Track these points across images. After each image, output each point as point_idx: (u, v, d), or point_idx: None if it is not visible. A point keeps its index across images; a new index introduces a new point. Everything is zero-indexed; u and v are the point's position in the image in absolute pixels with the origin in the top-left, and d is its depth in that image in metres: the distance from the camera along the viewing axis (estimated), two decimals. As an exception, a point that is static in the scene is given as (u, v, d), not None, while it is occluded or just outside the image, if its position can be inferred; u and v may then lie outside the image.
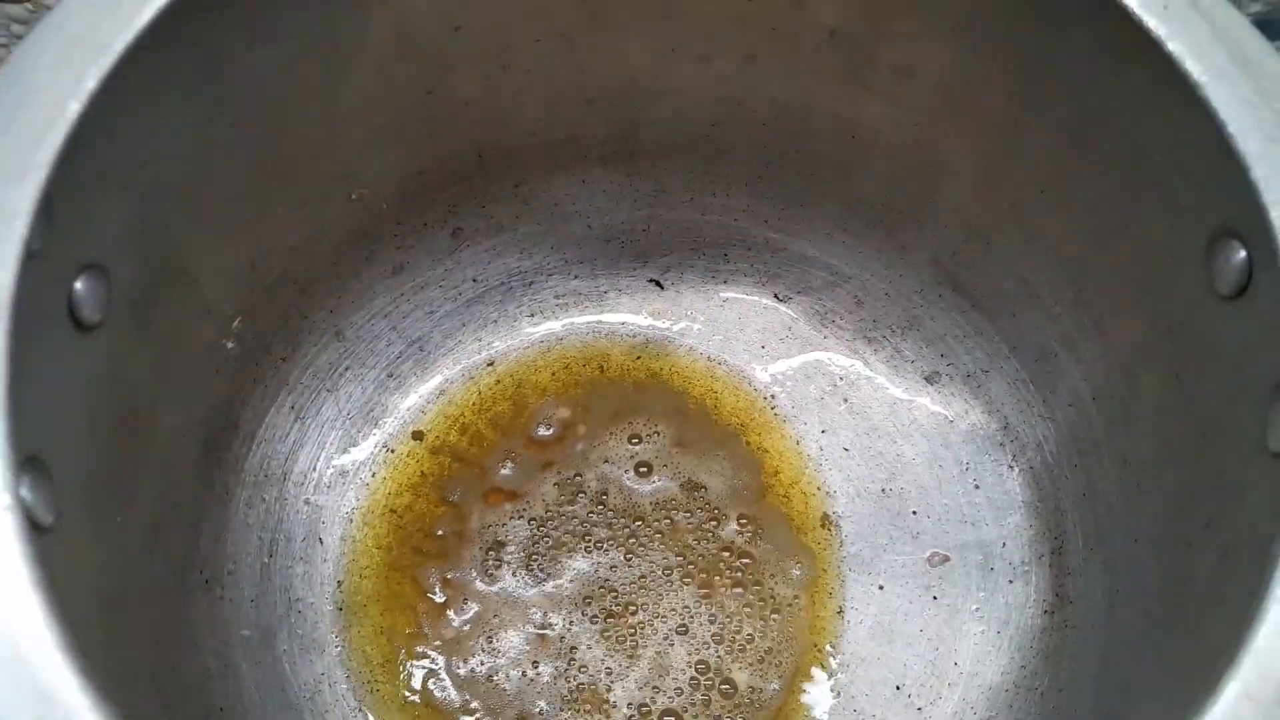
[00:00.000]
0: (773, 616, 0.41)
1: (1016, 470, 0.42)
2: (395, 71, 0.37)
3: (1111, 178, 0.34)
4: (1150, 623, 0.33)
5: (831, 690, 0.41)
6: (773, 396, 0.46)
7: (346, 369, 0.45)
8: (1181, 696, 0.26)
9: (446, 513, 0.43)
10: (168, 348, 0.35)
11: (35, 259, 0.25)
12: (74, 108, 0.27)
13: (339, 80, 0.36)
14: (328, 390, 0.44)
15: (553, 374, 0.46)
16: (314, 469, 0.43)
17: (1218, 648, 0.26)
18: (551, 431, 0.45)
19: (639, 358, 0.47)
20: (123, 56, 0.28)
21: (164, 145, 0.31)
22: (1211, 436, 0.31)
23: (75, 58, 0.28)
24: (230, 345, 0.38)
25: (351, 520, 0.43)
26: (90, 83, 0.28)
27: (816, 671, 0.41)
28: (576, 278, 0.48)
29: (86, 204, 0.29)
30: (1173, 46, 0.27)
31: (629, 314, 0.47)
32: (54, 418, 0.28)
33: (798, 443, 0.45)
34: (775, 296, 0.47)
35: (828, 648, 0.41)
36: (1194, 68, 0.27)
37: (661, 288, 0.48)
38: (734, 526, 0.43)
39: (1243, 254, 0.29)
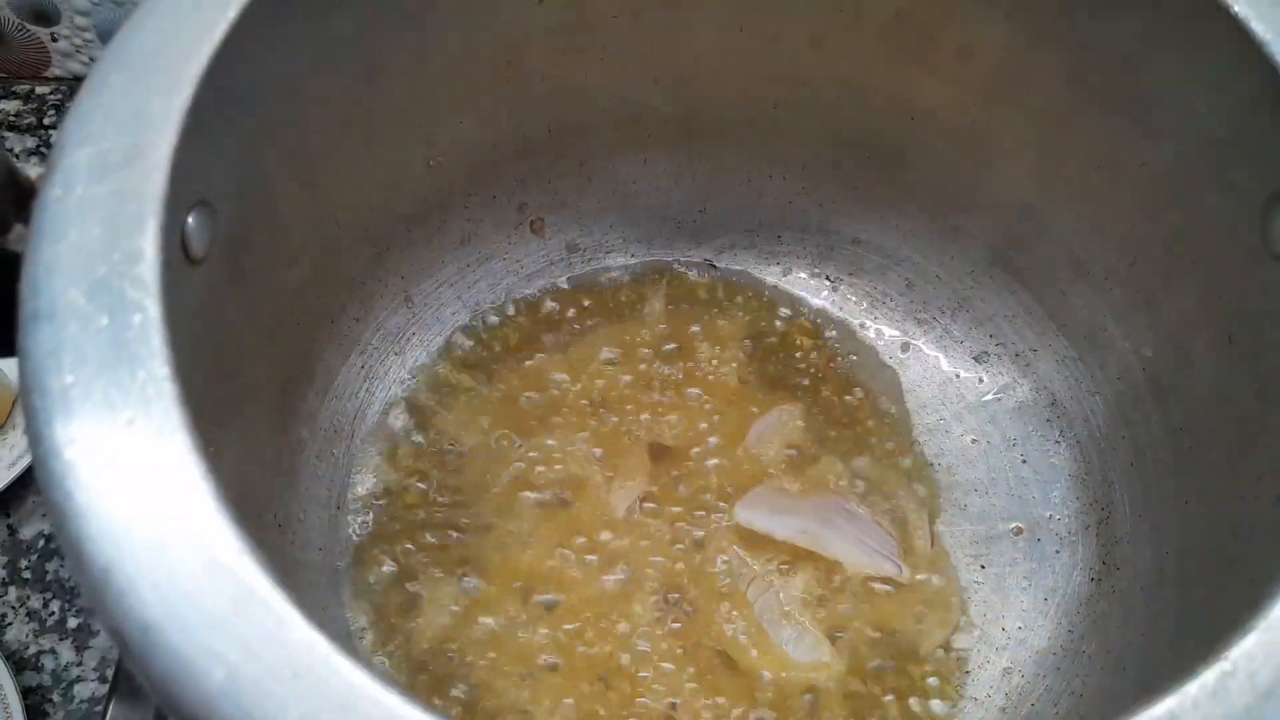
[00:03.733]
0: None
1: (1064, 445, 0.43)
2: (480, 40, 0.39)
3: (1167, 151, 0.35)
4: (1201, 579, 0.34)
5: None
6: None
7: (413, 334, 0.46)
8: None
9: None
10: (257, 291, 0.37)
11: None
12: (205, 48, 0.29)
13: (429, 44, 0.38)
14: (395, 354, 0.46)
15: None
16: (381, 428, 0.45)
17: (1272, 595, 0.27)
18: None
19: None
20: (246, 3, 0.30)
21: (271, 90, 0.33)
22: (1265, 394, 0.32)
23: (205, 2, 0.30)
24: (312, 296, 0.40)
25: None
26: (219, 27, 0.29)
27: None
28: (633, 256, 0.49)
29: (201, 142, 0.31)
30: (1239, 9, 0.29)
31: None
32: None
33: (848, 418, 0.46)
34: (827, 279, 0.49)
35: (877, 613, 0.42)
36: (1259, 28, 0.28)
37: (715, 268, 0.50)
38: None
39: (1297, 214, 0.30)
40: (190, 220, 0.31)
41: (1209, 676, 0.20)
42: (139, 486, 0.21)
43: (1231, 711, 0.20)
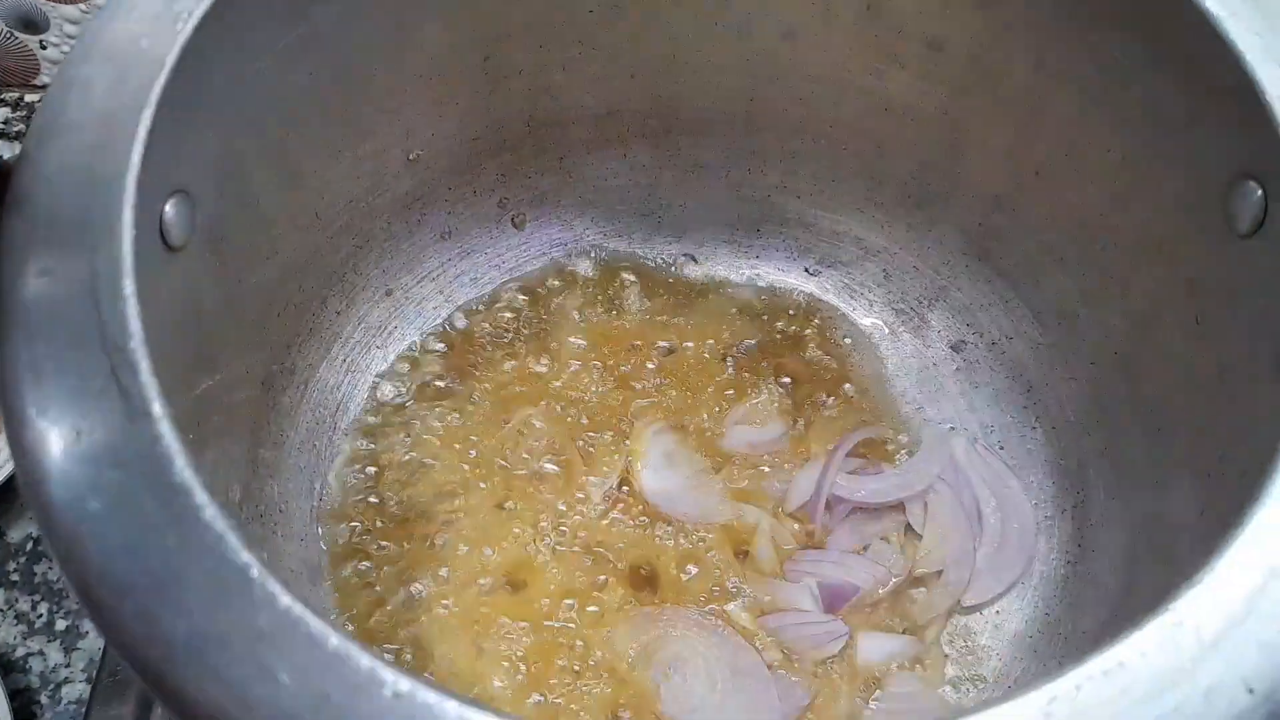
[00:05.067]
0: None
1: (1039, 430, 0.44)
2: (458, 34, 0.40)
3: (1132, 136, 0.36)
4: (1170, 557, 0.35)
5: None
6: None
7: (394, 328, 0.47)
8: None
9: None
10: (238, 282, 0.37)
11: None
12: (177, 38, 0.30)
13: (408, 38, 0.39)
14: (377, 347, 0.46)
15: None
16: (361, 420, 0.45)
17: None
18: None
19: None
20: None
21: (250, 82, 0.33)
22: (1231, 370, 0.32)
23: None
24: (292, 288, 0.40)
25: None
26: (192, 17, 0.30)
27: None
28: (613, 250, 0.50)
29: (178, 130, 0.31)
30: (1199, -5, 0.29)
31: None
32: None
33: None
34: (805, 270, 0.49)
35: (856, 598, 0.42)
36: (1214, 7, 0.29)
37: (696, 261, 0.50)
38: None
39: (1259, 193, 0.30)
40: (168, 208, 0.32)
41: (1157, 628, 0.20)
42: (108, 454, 0.21)
43: (1179, 662, 0.20)
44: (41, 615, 0.48)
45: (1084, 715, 0.19)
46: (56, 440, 0.21)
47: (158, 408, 0.21)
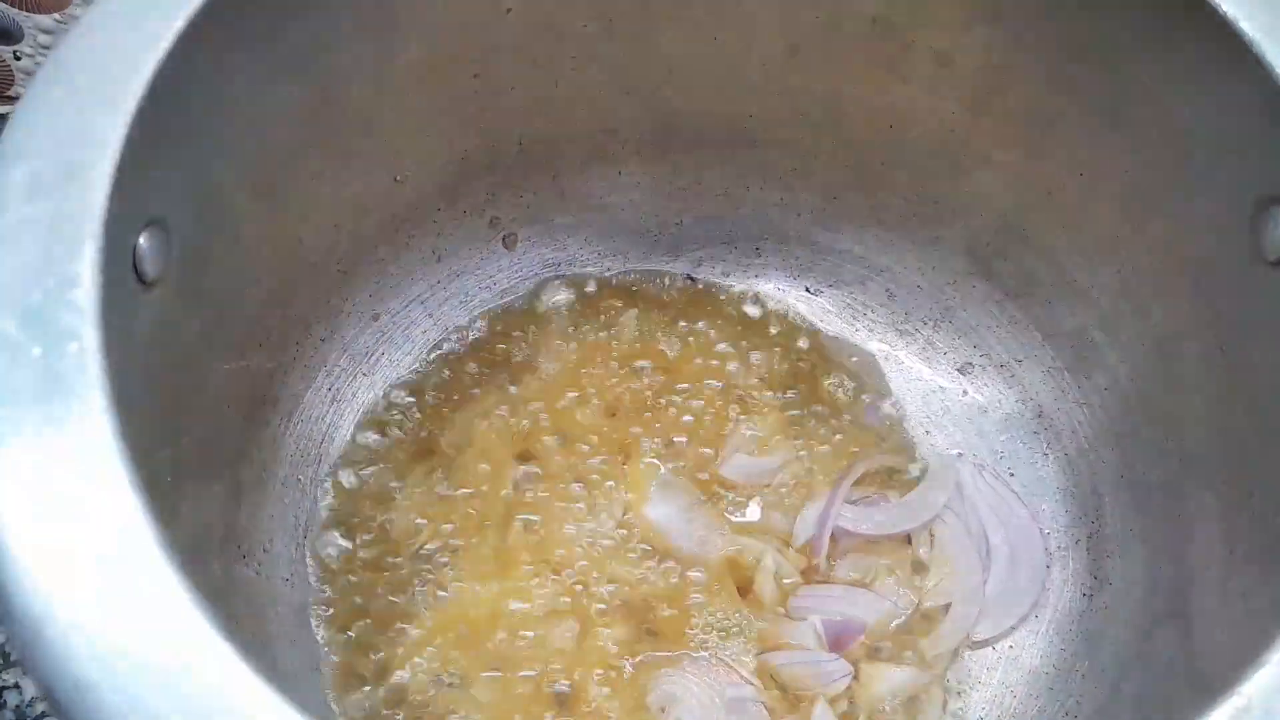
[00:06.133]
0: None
1: (1051, 457, 0.42)
2: (444, 52, 0.38)
3: (1151, 156, 0.35)
4: (1196, 596, 0.33)
5: (869, 675, 0.40)
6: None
7: (382, 354, 0.45)
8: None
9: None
10: (217, 313, 0.35)
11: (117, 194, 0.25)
12: (149, 61, 0.28)
13: (391, 56, 0.37)
14: (364, 374, 0.44)
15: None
16: (349, 453, 0.43)
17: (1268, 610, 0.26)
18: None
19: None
20: (194, 15, 0.29)
21: (226, 106, 0.32)
22: (1258, 403, 0.31)
23: (150, 14, 0.28)
24: (275, 317, 0.39)
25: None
26: (164, 39, 0.28)
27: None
28: (608, 270, 0.48)
29: (152, 158, 0.29)
30: (1227, 8, 0.28)
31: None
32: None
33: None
34: (807, 289, 0.48)
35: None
36: (1248, 27, 0.28)
37: (694, 281, 0.48)
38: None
39: (1289, 218, 0.29)
40: (142, 240, 0.30)
41: (1224, 713, 0.19)
42: (73, 528, 0.19)
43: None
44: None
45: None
46: (14, 514, 0.19)
47: (124, 475, 0.20)
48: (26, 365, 0.21)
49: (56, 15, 0.56)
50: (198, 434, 0.35)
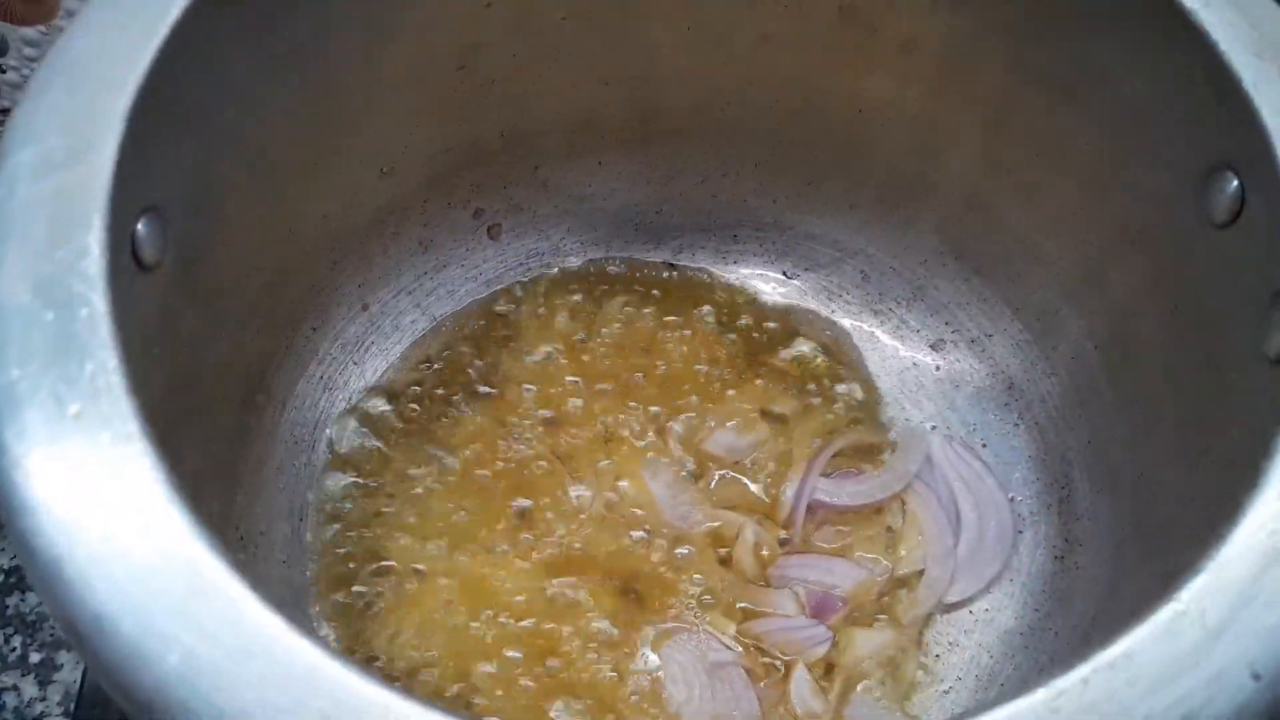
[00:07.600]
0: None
1: (1022, 426, 0.44)
2: (431, 45, 0.39)
3: (1104, 130, 0.36)
4: (1158, 550, 0.35)
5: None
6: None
7: (372, 343, 0.46)
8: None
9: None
10: (213, 300, 0.36)
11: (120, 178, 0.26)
12: (147, 51, 0.29)
13: (380, 50, 0.38)
14: (354, 363, 0.46)
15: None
16: (340, 439, 0.44)
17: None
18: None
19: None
20: (187, 8, 0.30)
21: (221, 97, 0.33)
22: (1211, 358, 0.33)
23: (145, 8, 0.30)
24: (268, 305, 0.40)
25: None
26: (166, 25, 0.29)
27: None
28: (591, 258, 0.49)
29: (149, 146, 0.31)
30: (1168, -16, 0.29)
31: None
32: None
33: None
34: (783, 274, 0.49)
35: (846, 601, 0.42)
36: (1191, 4, 0.29)
37: (674, 268, 0.50)
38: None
39: (1235, 183, 0.31)
40: (140, 226, 0.31)
41: (1162, 616, 0.20)
42: (88, 477, 0.21)
43: (1184, 649, 0.20)
44: (15, 649, 0.47)
45: (1092, 709, 0.19)
46: (33, 465, 0.20)
47: (136, 428, 0.21)
48: (40, 329, 0.22)
49: (42, 28, 0.57)
50: (195, 419, 0.36)
